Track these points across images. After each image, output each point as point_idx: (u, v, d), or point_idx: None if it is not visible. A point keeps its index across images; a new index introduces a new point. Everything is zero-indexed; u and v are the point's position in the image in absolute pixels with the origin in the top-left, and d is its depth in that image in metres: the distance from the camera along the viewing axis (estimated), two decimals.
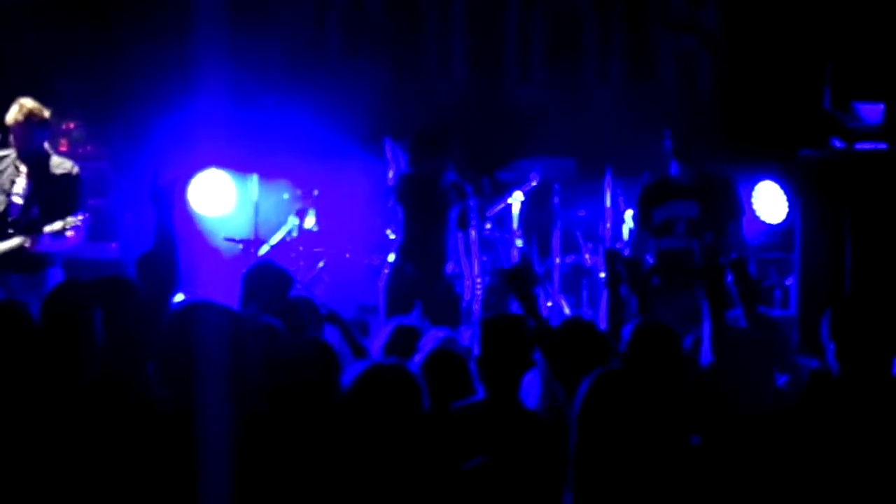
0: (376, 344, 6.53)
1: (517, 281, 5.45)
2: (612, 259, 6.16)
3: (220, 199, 11.62)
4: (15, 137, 8.75)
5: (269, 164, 11.68)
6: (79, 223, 8.46)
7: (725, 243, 8.13)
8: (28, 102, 8.72)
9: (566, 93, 12.59)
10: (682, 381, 5.01)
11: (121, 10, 11.56)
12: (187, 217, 6.36)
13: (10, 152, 8.82)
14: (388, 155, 9.81)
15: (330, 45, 12.32)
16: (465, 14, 12.86)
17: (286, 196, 11.70)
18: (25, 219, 8.68)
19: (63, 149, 10.70)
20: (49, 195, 8.70)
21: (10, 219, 8.69)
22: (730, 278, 5.62)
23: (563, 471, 4.06)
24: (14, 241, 8.56)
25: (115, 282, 5.53)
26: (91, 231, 8.77)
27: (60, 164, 8.82)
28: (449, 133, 9.54)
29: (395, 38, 12.59)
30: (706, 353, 5.26)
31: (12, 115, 8.70)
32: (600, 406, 3.89)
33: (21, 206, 8.71)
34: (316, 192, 11.58)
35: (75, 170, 8.83)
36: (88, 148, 11.63)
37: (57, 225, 8.43)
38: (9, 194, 8.74)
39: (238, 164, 11.63)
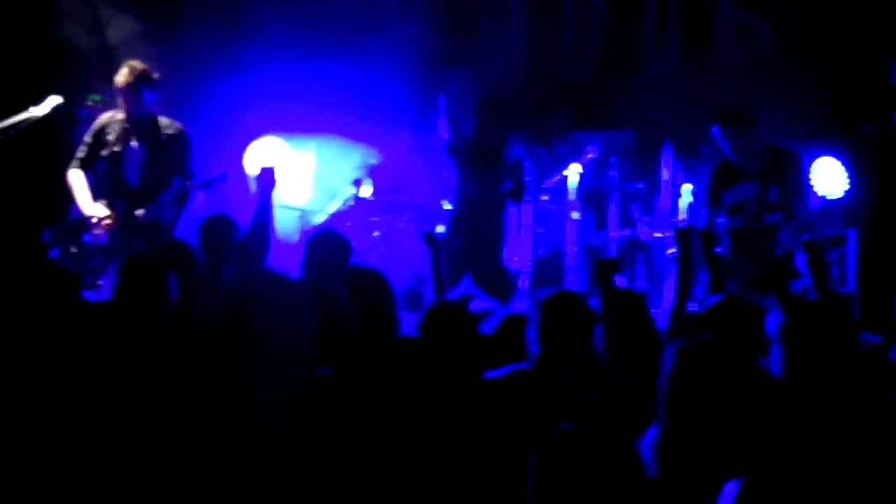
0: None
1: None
2: (685, 237, 6.18)
3: (278, 167, 11.64)
4: (124, 100, 8.65)
5: (328, 133, 11.70)
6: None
7: (793, 222, 8.08)
8: (137, 64, 8.64)
9: (624, 65, 12.52)
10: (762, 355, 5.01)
11: None
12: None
13: (120, 114, 8.73)
14: (441, 110, 9.70)
15: (390, 12, 12.26)
16: None
17: (343, 165, 11.73)
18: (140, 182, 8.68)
19: None
20: (161, 157, 8.65)
21: (125, 182, 8.69)
22: (803, 259, 5.63)
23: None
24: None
25: (181, 247, 5.61)
26: None
27: (170, 125, 8.74)
28: (512, 103, 9.52)
29: (456, 7, 12.53)
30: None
31: (122, 76, 8.59)
32: (689, 375, 3.93)
33: (137, 169, 8.71)
34: (372, 162, 11.62)
35: (186, 130, 8.78)
36: None
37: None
38: (121, 156, 8.69)
39: (296, 132, 11.66)
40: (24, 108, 8.49)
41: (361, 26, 11.83)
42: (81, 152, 8.80)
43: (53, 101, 8.56)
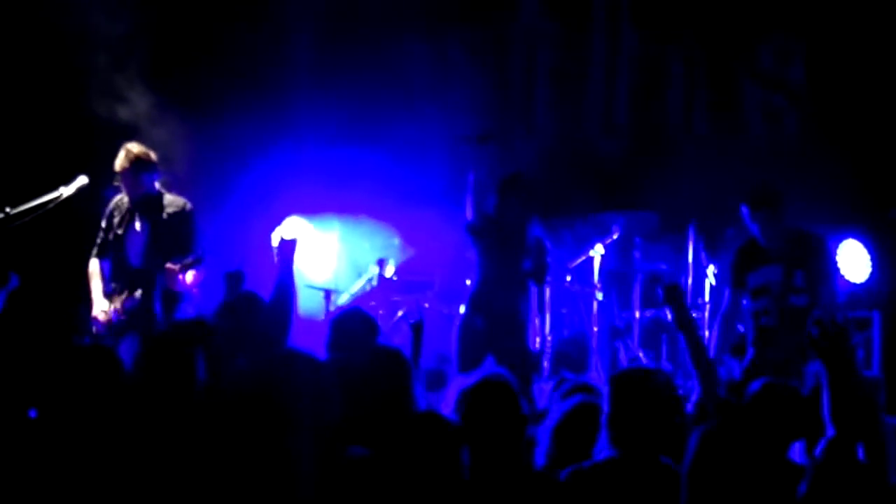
0: (448, 401, 6.42)
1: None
2: (673, 293, 6.04)
3: (302, 247, 11.66)
4: (124, 183, 8.70)
5: (351, 212, 11.70)
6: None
7: (820, 305, 7.98)
8: (134, 148, 8.68)
9: (650, 145, 12.55)
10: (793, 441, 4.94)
11: (209, 61, 11.65)
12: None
13: (125, 196, 8.79)
14: (470, 189, 9.65)
15: (415, 93, 12.33)
16: (549, 65, 12.87)
17: (367, 245, 11.73)
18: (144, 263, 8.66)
19: None
20: (164, 235, 8.64)
21: (129, 264, 8.70)
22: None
23: None
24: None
25: (205, 325, 5.60)
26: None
27: (173, 203, 8.74)
28: (534, 183, 9.50)
29: (481, 88, 12.59)
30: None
31: (119, 161, 8.64)
32: (712, 460, 3.88)
33: (139, 250, 8.71)
34: (396, 242, 11.62)
35: (189, 206, 8.75)
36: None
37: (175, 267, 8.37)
38: (123, 239, 8.73)
39: (320, 213, 11.67)
40: (55, 187, 8.53)
41: (387, 107, 11.87)
42: (99, 238, 8.87)
43: (80, 181, 8.59)
